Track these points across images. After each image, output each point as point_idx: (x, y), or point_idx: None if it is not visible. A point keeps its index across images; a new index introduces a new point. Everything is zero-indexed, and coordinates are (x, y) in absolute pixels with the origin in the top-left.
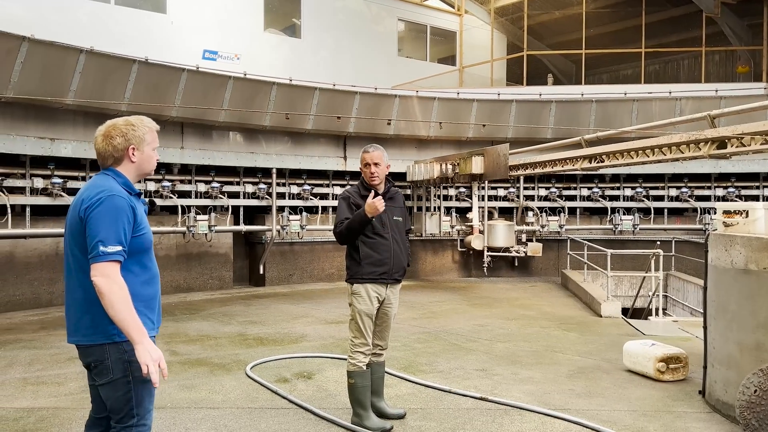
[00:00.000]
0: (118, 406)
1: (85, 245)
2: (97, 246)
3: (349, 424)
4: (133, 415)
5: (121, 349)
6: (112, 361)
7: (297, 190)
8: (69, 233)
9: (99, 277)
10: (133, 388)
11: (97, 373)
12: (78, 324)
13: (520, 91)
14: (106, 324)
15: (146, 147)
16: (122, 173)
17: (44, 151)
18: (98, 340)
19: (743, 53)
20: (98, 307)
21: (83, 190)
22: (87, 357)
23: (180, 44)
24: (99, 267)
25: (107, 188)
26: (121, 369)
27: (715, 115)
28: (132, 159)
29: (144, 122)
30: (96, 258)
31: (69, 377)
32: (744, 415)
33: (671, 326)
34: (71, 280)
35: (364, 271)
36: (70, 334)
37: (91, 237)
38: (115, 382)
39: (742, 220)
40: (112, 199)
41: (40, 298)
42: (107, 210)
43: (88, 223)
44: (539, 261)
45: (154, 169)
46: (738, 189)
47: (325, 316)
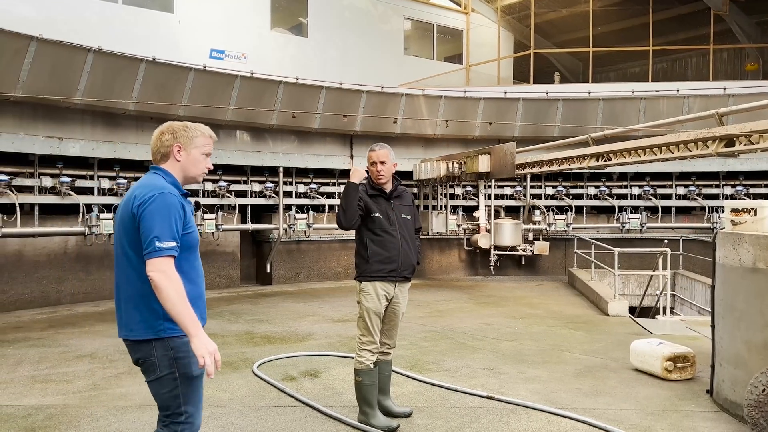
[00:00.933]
0: (165, 403)
1: (136, 242)
2: (152, 242)
3: (355, 423)
4: (181, 413)
5: (167, 346)
6: (158, 357)
7: (304, 189)
8: (121, 230)
9: (155, 272)
10: (180, 385)
11: (144, 370)
12: (128, 319)
13: (527, 89)
14: (153, 320)
15: (194, 149)
16: (170, 173)
17: (52, 150)
18: (146, 335)
19: (752, 51)
20: (147, 303)
21: (134, 188)
22: (135, 353)
23: (187, 43)
24: (155, 262)
25: (159, 186)
26: (167, 365)
27: (723, 113)
28: (177, 158)
29: (199, 127)
30: (152, 254)
31: (77, 375)
32: (752, 414)
33: (679, 325)
34: (122, 276)
35: (372, 269)
36: (120, 329)
37: (146, 233)
38: (162, 378)
39: (750, 218)
40: (164, 196)
41: (49, 297)
42: (160, 207)
43: (142, 220)
44: (546, 260)
45: (201, 174)
46: (746, 187)
47: (332, 315)
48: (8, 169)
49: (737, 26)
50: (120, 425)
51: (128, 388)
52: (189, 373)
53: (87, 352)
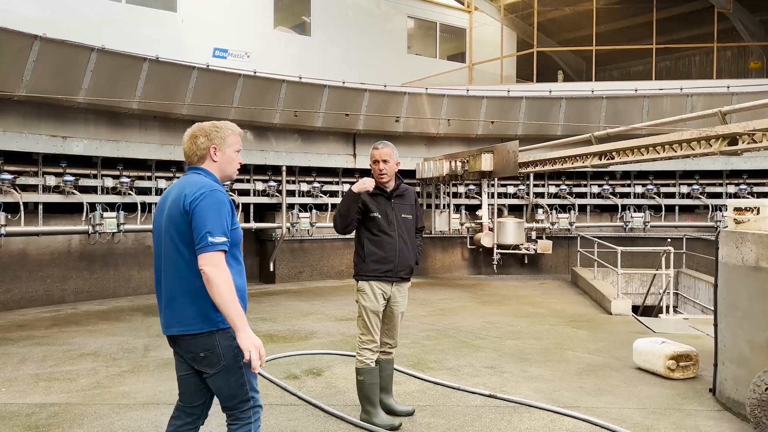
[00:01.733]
0: (233, 392)
1: (190, 239)
2: (205, 237)
3: (357, 421)
4: (248, 398)
5: (230, 336)
6: (222, 348)
7: (307, 188)
8: (172, 229)
9: (208, 266)
10: (246, 371)
11: (207, 363)
12: (183, 315)
13: (530, 88)
14: (211, 312)
15: (228, 148)
16: (211, 172)
17: (56, 149)
18: (206, 328)
19: (755, 49)
20: (204, 297)
21: (182, 187)
22: (194, 348)
23: (190, 42)
24: (208, 257)
25: (207, 184)
26: (233, 355)
27: (726, 112)
28: (214, 158)
29: (228, 125)
30: (204, 248)
31: (81, 373)
32: (755, 413)
33: (682, 324)
34: (173, 273)
35: (368, 269)
36: (172, 326)
37: (199, 229)
38: (228, 368)
39: (753, 217)
40: (214, 193)
41: (53, 295)
42: (211, 203)
43: (194, 216)
44: (549, 258)
45: (236, 172)
46: (750, 186)
47: (335, 313)
48: (12, 168)
49: (741, 24)
50: (123, 423)
51: (131, 386)
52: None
53: (90, 351)
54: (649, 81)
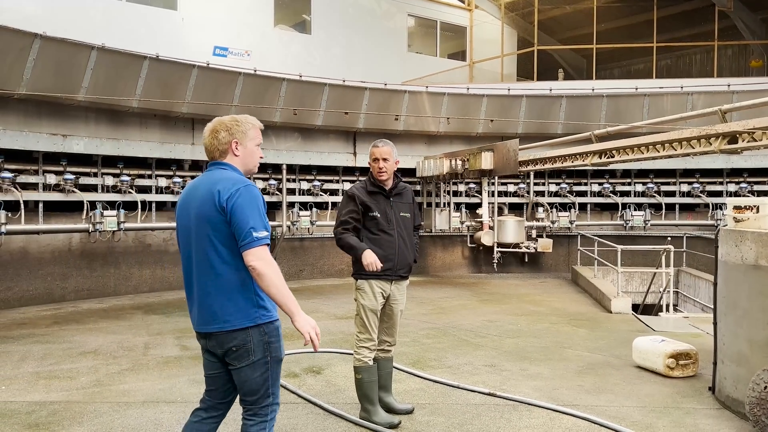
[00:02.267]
0: (255, 387)
1: (227, 236)
2: (249, 233)
3: (357, 419)
4: (269, 395)
5: (263, 331)
6: (254, 343)
7: (307, 186)
8: (207, 227)
9: (257, 261)
10: (271, 368)
11: (236, 357)
12: (221, 312)
13: (530, 86)
14: (249, 308)
15: (249, 142)
16: (235, 166)
17: (56, 148)
18: (244, 323)
19: (756, 47)
20: (243, 293)
21: (212, 184)
22: (228, 342)
23: (190, 41)
24: (255, 252)
25: (239, 179)
26: (262, 350)
27: (726, 110)
28: (235, 153)
29: (248, 119)
30: (251, 244)
31: (81, 371)
32: (754, 412)
33: (682, 322)
34: (209, 270)
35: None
36: (208, 323)
37: (242, 225)
38: (256, 363)
39: (752, 215)
40: (248, 188)
41: (53, 294)
42: (249, 199)
43: (234, 213)
44: (549, 257)
45: (257, 165)
46: (750, 184)
47: (335, 312)
48: (13, 167)
49: (742, 23)
50: (123, 421)
51: (131, 384)
52: (279, 356)
53: (91, 349)
54: (650, 79)
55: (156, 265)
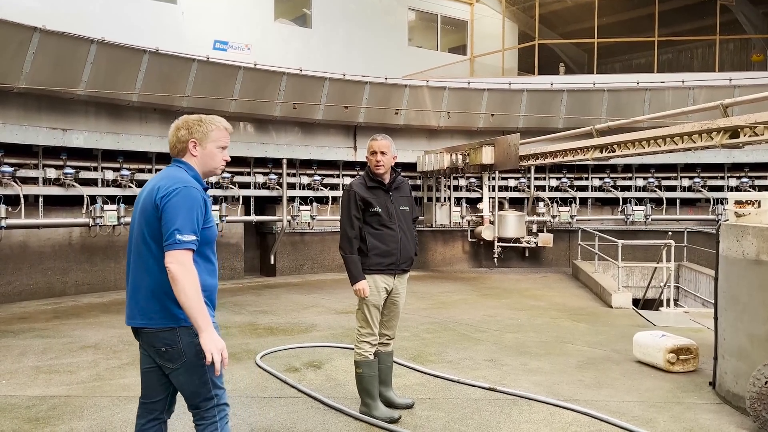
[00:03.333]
0: (194, 389)
1: (158, 232)
2: (173, 234)
3: (357, 414)
4: (212, 396)
5: (192, 333)
6: (183, 344)
7: (307, 181)
8: (143, 220)
9: (174, 264)
10: (208, 370)
11: (168, 359)
12: (146, 308)
13: (531, 80)
14: (174, 308)
15: (209, 143)
16: (192, 166)
17: (56, 142)
18: (168, 323)
19: (758, 41)
20: (168, 293)
21: (158, 180)
22: (156, 342)
23: (190, 34)
24: (174, 254)
25: (183, 179)
26: (194, 352)
27: (728, 104)
28: (193, 153)
29: (213, 120)
30: (172, 246)
31: (81, 366)
32: (754, 407)
33: (682, 317)
34: (141, 266)
35: (371, 262)
36: (135, 318)
37: (168, 225)
38: (189, 365)
39: (754, 210)
40: (187, 190)
41: (54, 288)
42: (183, 200)
43: (164, 212)
44: (550, 252)
45: (219, 167)
46: (752, 179)
47: (335, 306)
48: (12, 161)
49: (743, 16)
50: (123, 416)
51: (132, 378)
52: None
53: (91, 343)
54: (651, 74)
55: None
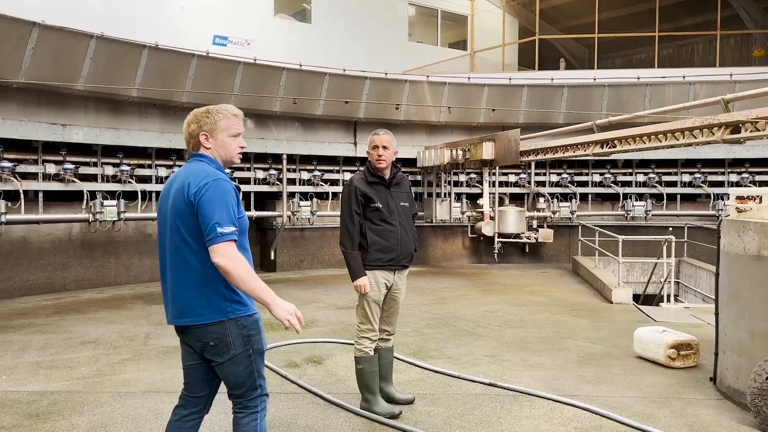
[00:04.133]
0: (240, 380)
1: (195, 229)
2: (213, 229)
3: (357, 409)
4: (257, 387)
5: (241, 324)
6: (233, 336)
7: (307, 176)
8: (177, 219)
9: (221, 258)
10: (254, 361)
11: (216, 352)
12: (193, 306)
13: (531, 75)
14: (221, 302)
15: (220, 133)
16: (212, 158)
17: (56, 137)
18: (218, 317)
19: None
20: (212, 287)
21: (185, 176)
22: (204, 337)
23: (190, 29)
24: (219, 248)
25: (210, 173)
26: (242, 343)
27: (729, 100)
28: (206, 145)
29: (221, 109)
30: (214, 240)
31: (81, 361)
32: (755, 402)
33: (683, 313)
34: (181, 263)
35: (372, 258)
36: (182, 316)
37: (206, 221)
38: (237, 357)
39: (755, 205)
40: (218, 182)
41: (54, 283)
42: (216, 193)
43: (200, 208)
44: (550, 247)
45: (236, 155)
46: (752, 174)
47: (336, 302)
48: (12, 156)
49: (745, 12)
50: (124, 411)
51: (132, 374)
52: (260, 348)
53: (91, 339)
54: (652, 69)
55: (156, 255)
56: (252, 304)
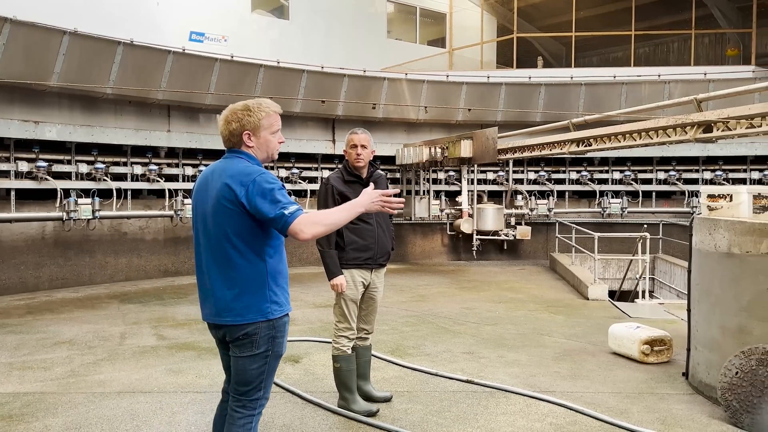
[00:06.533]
0: (249, 378)
1: (243, 229)
2: (281, 214)
3: (335, 408)
4: (261, 389)
5: (272, 326)
6: (261, 336)
7: (285, 174)
8: (222, 219)
9: (303, 233)
10: (269, 362)
11: (240, 345)
12: (233, 304)
13: (509, 74)
14: (262, 303)
15: (263, 132)
16: (252, 155)
17: (28, 134)
18: (256, 318)
19: (733, 36)
20: (256, 288)
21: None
22: (238, 332)
23: (166, 25)
24: (295, 227)
25: (251, 171)
26: (266, 344)
27: (702, 99)
28: (248, 144)
29: (262, 107)
30: (287, 224)
31: (55, 362)
32: (725, 397)
33: (657, 309)
34: (224, 263)
35: (348, 257)
36: (221, 315)
37: (270, 212)
38: (256, 355)
39: (726, 203)
40: (263, 175)
41: (27, 283)
42: (267, 185)
43: (257, 204)
44: (528, 244)
45: (276, 152)
46: (726, 172)
47: (314, 300)
48: None
49: (718, 11)
50: (98, 412)
51: (107, 374)
52: (279, 351)
53: (65, 339)
54: (628, 67)
55: (132, 253)
56: (287, 305)
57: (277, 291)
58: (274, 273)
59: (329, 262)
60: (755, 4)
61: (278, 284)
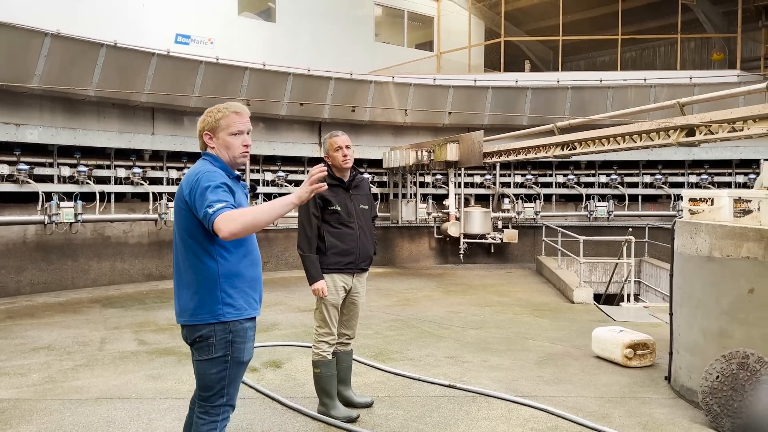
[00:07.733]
0: (209, 382)
1: (191, 227)
2: (206, 214)
3: (315, 414)
4: (223, 395)
5: (227, 329)
6: (216, 339)
7: (271, 177)
8: (177, 218)
9: (224, 231)
10: (229, 368)
11: (198, 349)
12: (188, 305)
13: (496, 77)
14: (213, 304)
15: (221, 133)
16: (218, 157)
17: (9, 137)
18: (207, 319)
19: (718, 41)
20: (207, 288)
21: (186, 175)
22: (194, 334)
23: (151, 27)
24: (216, 225)
25: (203, 168)
26: (224, 348)
27: (684, 103)
28: (210, 145)
29: (221, 107)
30: (209, 221)
31: (32, 368)
32: (706, 401)
33: (642, 312)
34: (183, 261)
35: (329, 261)
36: (180, 315)
37: (199, 210)
38: (214, 359)
39: (707, 207)
40: (207, 174)
41: (7, 287)
42: (204, 183)
43: (195, 202)
44: (515, 247)
45: (239, 154)
46: (711, 176)
47: (298, 304)
48: None
49: (704, 16)
50: (74, 419)
51: (85, 380)
52: (240, 358)
53: (44, 344)
54: (614, 71)
55: (115, 257)
56: (247, 310)
57: (232, 293)
58: (229, 274)
59: (310, 267)
60: (740, 9)
61: (234, 286)
